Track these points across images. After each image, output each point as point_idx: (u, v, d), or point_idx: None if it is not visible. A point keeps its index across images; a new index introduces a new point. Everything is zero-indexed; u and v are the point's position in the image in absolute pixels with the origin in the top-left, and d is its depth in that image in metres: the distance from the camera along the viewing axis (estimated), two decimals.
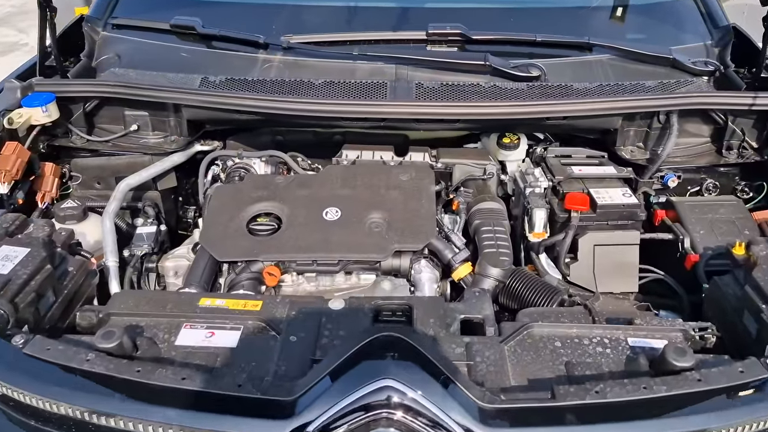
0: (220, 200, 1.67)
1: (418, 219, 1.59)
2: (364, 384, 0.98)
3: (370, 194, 1.68)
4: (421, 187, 1.70)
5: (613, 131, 1.89)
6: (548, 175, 1.78)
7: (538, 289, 1.48)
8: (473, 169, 1.85)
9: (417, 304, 1.28)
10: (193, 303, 1.28)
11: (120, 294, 1.43)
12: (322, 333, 1.20)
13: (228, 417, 0.99)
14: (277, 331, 1.20)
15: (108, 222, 1.65)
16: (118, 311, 1.27)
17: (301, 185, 1.72)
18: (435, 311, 1.26)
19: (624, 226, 1.65)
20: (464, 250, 1.58)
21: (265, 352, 1.17)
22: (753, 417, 1.02)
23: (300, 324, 1.22)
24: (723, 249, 1.50)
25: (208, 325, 1.22)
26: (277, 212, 1.63)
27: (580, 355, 1.17)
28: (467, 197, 1.76)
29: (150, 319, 1.24)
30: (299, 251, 1.52)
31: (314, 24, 2.11)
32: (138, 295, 1.44)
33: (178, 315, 1.25)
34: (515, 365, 1.14)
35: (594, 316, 1.29)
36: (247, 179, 1.77)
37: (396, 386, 0.98)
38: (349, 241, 1.53)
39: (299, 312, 1.25)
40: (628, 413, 1.01)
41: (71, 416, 1.04)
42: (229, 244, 1.54)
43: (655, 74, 1.96)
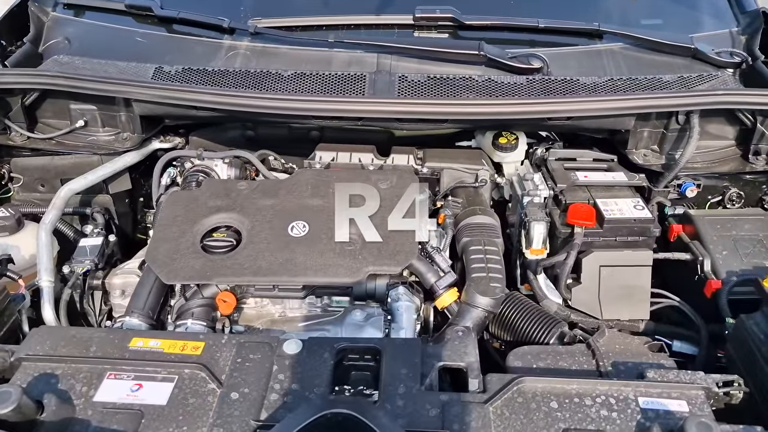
0: (172, 210, 1.56)
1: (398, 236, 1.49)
2: None
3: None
4: (402, 197, 1.58)
5: (624, 132, 1.82)
6: (549, 182, 1.69)
7: (535, 320, 1.42)
8: (464, 175, 1.79)
9: (388, 349, 1.20)
10: (123, 344, 1.19)
11: (37, 331, 1.30)
12: (272, 386, 1.11)
13: None
14: (218, 382, 1.11)
15: (44, 235, 1.54)
16: (32, 354, 1.16)
17: (266, 193, 1.62)
18: (409, 358, 1.18)
19: (635, 243, 1.57)
20: (450, 273, 1.47)
21: (199, 411, 1.07)
22: None
23: (247, 374, 1.13)
24: (750, 275, 1.43)
25: (137, 374, 1.13)
26: (236, 225, 1.53)
27: (580, 420, 1.07)
28: (455, 209, 1.65)
29: (68, 366, 1.15)
30: (258, 274, 1.42)
31: (286, 6, 2.05)
32: (59, 332, 1.33)
33: (102, 360, 1.16)
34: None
35: (598, 359, 1.21)
36: (204, 185, 1.66)
37: None
38: (317, 262, 1.43)
39: (247, 358, 1.17)
40: None
41: None
42: (178, 264, 1.43)
43: (674, 66, 1.90)
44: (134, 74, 1.79)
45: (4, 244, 1.57)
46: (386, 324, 1.42)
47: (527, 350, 1.24)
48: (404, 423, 1.00)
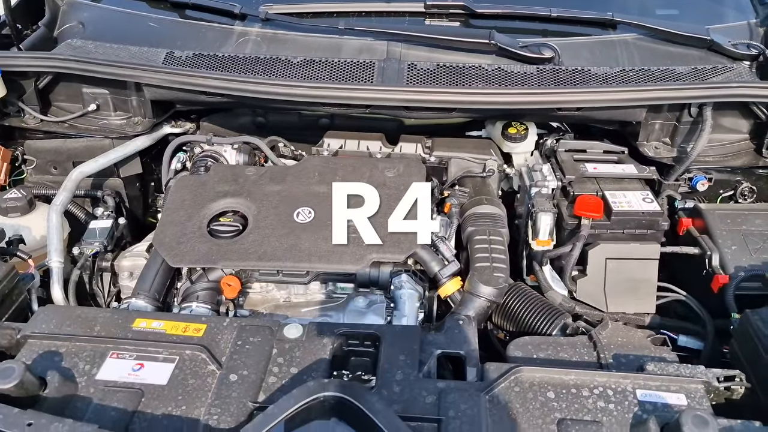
0: (180, 194, 1.57)
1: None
2: None
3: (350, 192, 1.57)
4: (409, 186, 1.58)
5: (635, 124, 1.80)
6: (558, 173, 1.68)
7: (538, 311, 1.42)
8: (472, 165, 1.78)
9: (387, 335, 1.21)
10: (126, 324, 1.21)
11: (44, 310, 1.33)
12: (271, 369, 1.12)
13: None
14: (218, 364, 1.12)
15: (54, 216, 1.56)
16: (38, 332, 1.18)
17: (273, 179, 1.62)
18: (408, 344, 1.18)
19: (642, 236, 1.55)
20: (454, 262, 1.47)
21: (198, 392, 1.08)
22: None
23: (246, 357, 1.14)
24: (758, 271, 1.44)
25: (138, 354, 1.14)
26: (243, 210, 1.54)
27: (576, 411, 1.06)
28: (462, 198, 1.65)
29: (72, 344, 1.16)
30: (263, 259, 1.42)
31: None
32: (65, 311, 1.35)
33: (105, 339, 1.18)
34: (496, 422, 1.05)
35: (599, 351, 1.21)
36: (213, 170, 1.67)
37: None
38: (321, 249, 1.44)
39: (247, 341, 1.17)
40: None
41: None
42: (185, 248, 1.45)
43: (688, 58, 1.87)
44: (145, 59, 1.79)
45: (15, 224, 1.59)
46: (388, 311, 1.42)
47: (528, 340, 1.24)
48: (400, 409, 1.00)
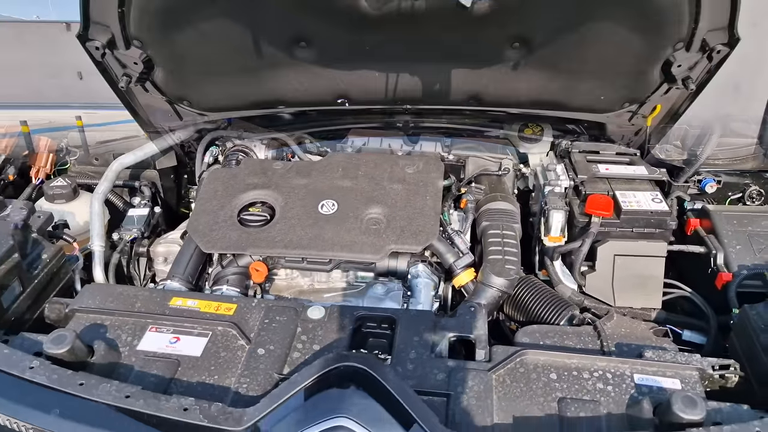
0: (212, 185, 1.63)
1: (420, 217, 1.53)
2: (317, 421, 0.92)
3: (372, 187, 1.63)
4: (427, 182, 1.63)
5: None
6: (571, 173, 1.70)
7: (547, 302, 1.44)
8: (488, 163, 1.80)
9: (402, 319, 1.24)
10: (164, 302, 1.26)
11: (89, 287, 1.39)
12: (295, 345, 1.16)
13: None
14: (247, 339, 1.17)
15: (96, 204, 1.63)
16: (84, 307, 1.24)
17: (300, 173, 1.67)
18: (421, 328, 1.21)
19: (651, 235, 1.56)
20: (468, 254, 1.51)
21: (229, 363, 1.13)
22: None
23: (273, 333, 1.19)
24: (761, 269, 1.45)
25: (175, 328, 1.20)
26: (271, 201, 1.59)
27: (577, 391, 1.10)
28: (478, 194, 1.68)
29: (116, 318, 1.22)
30: (289, 247, 1.47)
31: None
32: (108, 289, 1.41)
33: (145, 315, 1.22)
34: (501, 399, 1.08)
35: (603, 340, 1.24)
36: (243, 163, 1.72)
37: (350, 427, 0.92)
38: (343, 239, 1.49)
39: (274, 320, 1.21)
40: None
41: (9, 428, 1.00)
42: (217, 235, 1.51)
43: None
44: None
45: (60, 210, 1.66)
46: (405, 299, 1.45)
47: (536, 329, 1.27)
48: (412, 384, 1.04)
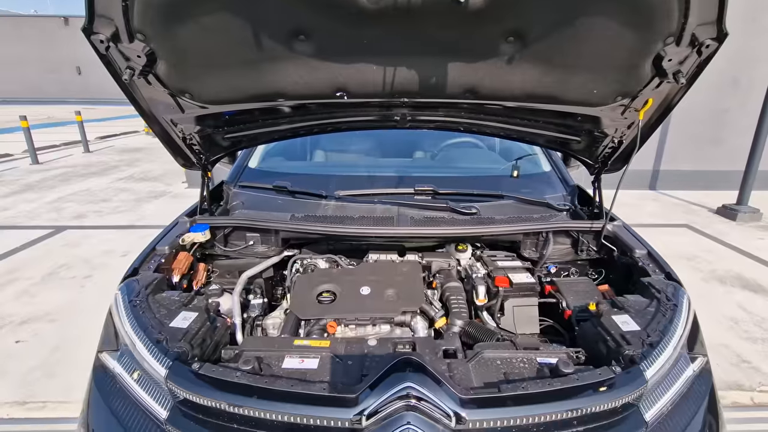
0: (301, 283, 1.65)
1: (413, 293, 1.56)
2: (395, 386, 0.99)
3: (386, 279, 1.62)
4: (415, 276, 1.66)
5: (518, 242, 1.88)
6: (484, 267, 1.77)
7: (484, 332, 1.45)
8: (443, 264, 1.82)
9: (418, 341, 1.28)
10: (290, 343, 1.27)
11: (247, 339, 1.45)
12: (366, 358, 1.19)
13: (319, 407, 0.99)
14: (340, 359, 1.19)
15: (236, 298, 1.66)
16: (247, 349, 1.26)
17: (347, 274, 1.68)
18: (428, 345, 1.26)
19: (528, 294, 1.63)
20: (440, 310, 1.56)
21: (334, 370, 1.16)
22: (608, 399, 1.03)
23: (353, 353, 1.21)
24: (584, 306, 1.48)
25: (300, 355, 1.22)
26: (333, 290, 1.59)
27: (512, 368, 1.18)
28: (440, 280, 1.72)
29: (266, 353, 1.23)
30: (347, 312, 1.49)
31: (353, 185, 2.03)
32: (257, 339, 1.47)
33: (281, 350, 1.24)
34: (476, 374, 1.15)
35: (517, 346, 1.29)
36: (316, 271, 1.74)
37: (413, 386, 0.99)
38: (375, 306, 1.50)
39: (351, 347, 1.24)
40: (539, 398, 1.01)
41: (226, 410, 1.03)
42: (307, 309, 1.52)
43: (538, 211, 1.95)
44: (279, 218, 1.82)
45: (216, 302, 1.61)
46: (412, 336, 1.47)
47: (483, 344, 1.34)
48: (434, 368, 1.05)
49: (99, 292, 3.59)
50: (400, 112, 1.60)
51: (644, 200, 6.43)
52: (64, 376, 2.58)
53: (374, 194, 1.93)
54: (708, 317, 3.32)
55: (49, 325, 3.13)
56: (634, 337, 1.19)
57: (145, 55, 1.20)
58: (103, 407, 1.15)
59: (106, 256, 4.31)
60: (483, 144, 2.60)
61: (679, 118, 6.36)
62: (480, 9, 1.06)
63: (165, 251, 1.60)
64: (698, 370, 1.23)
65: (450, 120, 1.67)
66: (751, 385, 2.58)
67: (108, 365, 1.23)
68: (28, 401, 2.40)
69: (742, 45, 6.03)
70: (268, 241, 1.87)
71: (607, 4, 1.08)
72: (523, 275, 1.67)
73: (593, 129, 1.61)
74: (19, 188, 6.91)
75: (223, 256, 1.89)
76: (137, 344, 1.17)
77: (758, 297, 3.64)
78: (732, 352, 2.90)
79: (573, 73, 1.32)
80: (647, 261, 1.57)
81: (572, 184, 2.16)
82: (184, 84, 1.36)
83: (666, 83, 1.28)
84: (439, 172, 2.26)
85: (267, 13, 1.12)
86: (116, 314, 1.31)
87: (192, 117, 1.53)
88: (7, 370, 2.65)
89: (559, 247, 1.89)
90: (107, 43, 1.14)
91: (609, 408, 1.02)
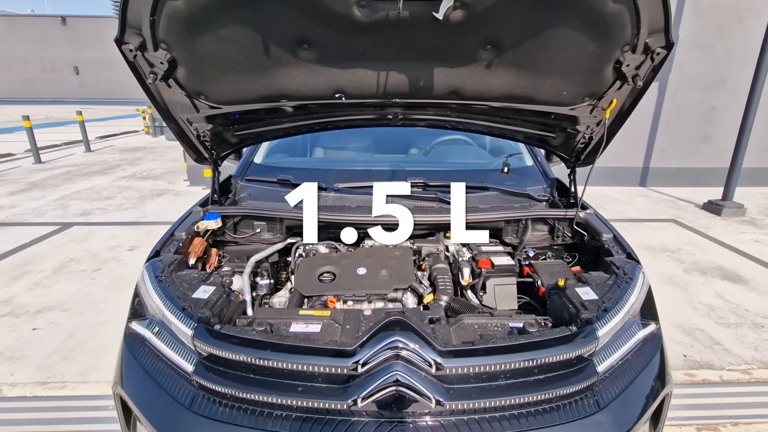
0: (304, 265, 1.77)
1: (405, 273, 1.67)
2: (385, 340, 1.15)
3: (381, 262, 1.74)
4: (406, 258, 1.78)
5: (501, 229, 1.99)
6: (470, 252, 1.88)
7: (467, 307, 1.56)
8: (432, 249, 1.94)
9: (407, 311, 1.43)
10: (296, 313, 1.41)
11: (258, 310, 1.57)
12: (362, 323, 1.32)
13: (323, 357, 1.14)
14: (340, 324, 1.32)
15: (246, 278, 1.77)
16: (259, 317, 1.40)
17: (345, 257, 1.79)
18: (416, 314, 1.39)
19: (508, 275, 1.73)
20: (429, 288, 1.68)
21: (335, 332, 1.30)
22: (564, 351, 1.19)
23: (351, 320, 1.34)
24: (555, 283, 1.60)
25: (305, 322, 1.35)
26: (333, 271, 1.70)
27: (487, 330, 1.33)
28: (429, 262, 1.84)
29: (275, 320, 1.36)
30: (345, 290, 1.60)
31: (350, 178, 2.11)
32: (267, 310, 1.56)
33: (290, 318, 1.37)
34: (456, 334, 1.30)
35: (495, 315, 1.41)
36: (317, 255, 1.86)
37: (401, 340, 1.15)
38: (371, 284, 1.61)
39: (349, 315, 1.37)
40: (505, 350, 1.16)
41: (246, 362, 1.17)
42: (309, 287, 1.63)
43: (519, 201, 2.06)
44: (284, 208, 1.92)
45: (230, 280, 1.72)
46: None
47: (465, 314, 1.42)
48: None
49: (109, 284, 3.77)
50: (392, 111, 1.72)
51: (634, 196, 6.62)
52: (80, 359, 2.77)
53: (370, 186, 2.00)
54: (686, 305, 3.52)
55: (63, 314, 3.31)
56: (591, 304, 1.34)
57: (167, 61, 1.33)
58: (135, 366, 1.30)
59: (113, 250, 4.49)
60: (472, 141, 2.71)
61: (668, 117, 6.55)
62: (460, 22, 1.19)
63: (182, 236, 1.73)
64: (649, 334, 1.38)
65: (438, 118, 1.79)
66: (722, 365, 2.78)
67: (138, 332, 1.38)
68: (49, 382, 2.58)
69: (729, 46, 6.23)
70: (274, 229, 1.98)
71: (570, 18, 1.21)
72: (504, 258, 1.78)
73: (566, 126, 1.75)
74: (24, 186, 7.06)
75: (233, 242, 1.99)
76: (165, 312, 1.32)
77: (736, 286, 3.84)
78: (707, 335, 3.10)
79: (545, 77, 1.44)
80: (612, 244, 1.71)
81: (552, 177, 2.27)
82: (200, 87, 1.49)
83: (626, 85, 1.42)
84: (430, 166, 2.36)
85: (275, 25, 1.25)
86: (144, 288, 1.45)
87: (205, 116, 1.67)
88: (27, 354, 2.83)
89: (537, 233, 1.99)
90: (135, 51, 1.28)
91: (565, 359, 1.17)
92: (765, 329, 3.14)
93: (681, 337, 3.04)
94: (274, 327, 1.30)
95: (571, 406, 1.13)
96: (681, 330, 3.11)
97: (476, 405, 1.09)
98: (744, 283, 3.88)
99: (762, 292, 3.70)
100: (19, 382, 2.55)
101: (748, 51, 6.08)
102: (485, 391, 1.11)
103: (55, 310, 3.35)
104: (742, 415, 2.31)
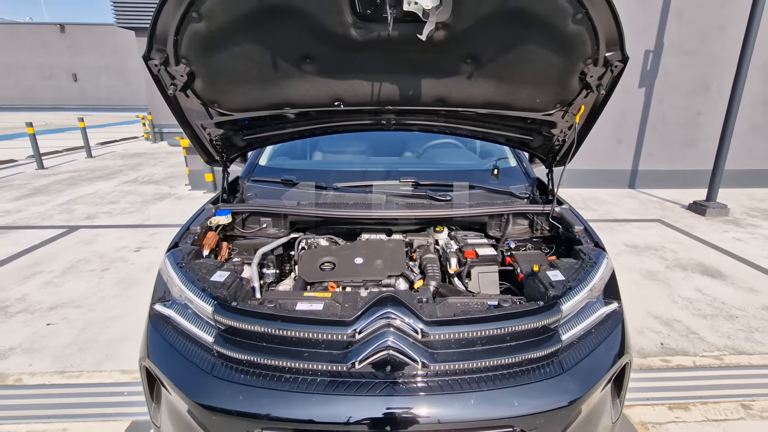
0: (306, 256, 1.89)
1: (397, 262, 1.80)
2: (379, 313, 1.30)
3: (376, 252, 1.86)
4: (398, 249, 1.91)
5: (485, 223, 2.13)
6: (457, 244, 2.00)
7: (453, 292, 1.68)
8: (422, 241, 2.07)
9: (399, 292, 1.51)
10: (300, 295, 1.56)
11: (266, 293, 1.68)
12: (359, 302, 1.43)
13: (326, 326, 1.29)
14: (339, 303, 1.44)
15: (254, 267, 1.90)
16: (268, 298, 1.54)
17: (343, 249, 1.92)
18: (406, 295, 1.48)
19: (492, 264, 1.85)
20: (419, 275, 1.82)
21: (335, 309, 1.41)
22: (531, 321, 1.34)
23: (349, 300, 1.45)
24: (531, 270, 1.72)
25: (309, 302, 1.47)
26: (333, 260, 1.82)
27: (468, 307, 1.47)
28: (420, 253, 1.96)
29: (283, 300, 1.50)
30: (344, 277, 1.73)
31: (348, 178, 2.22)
32: (274, 293, 1.68)
33: (295, 299, 1.50)
34: (441, 311, 1.43)
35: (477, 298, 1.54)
36: (318, 247, 1.99)
37: (392, 311, 1.30)
38: (367, 272, 1.74)
39: (348, 296, 1.49)
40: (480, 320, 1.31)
41: (258, 331, 1.31)
42: (312, 275, 1.76)
43: (503, 199, 2.18)
44: (288, 206, 2.03)
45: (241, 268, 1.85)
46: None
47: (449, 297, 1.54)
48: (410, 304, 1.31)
49: (117, 282, 3.93)
50: (386, 117, 1.87)
51: (623, 198, 6.84)
52: (95, 351, 2.95)
53: (366, 185, 2.13)
54: (666, 298, 3.72)
55: (75, 310, 3.48)
56: (558, 283, 1.50)
57: (186, 74, 1.49)
58: (161, 340, 1.44)
59: (120, 251, 4.66)
60: (461, 144, 2.83)
61: (655, 121, 6.78)
62: (442, 40, 1.37)
63: (197, 230, 1.86)
64: (610, 311, 1.52)
65: (428, 123, 1.94)
66: (696, 351, 2.98)
67: (162, 312, 1.52)
68: (66, 371, 2.76)
69: (712, 53, 6.47)
70: (278, 224, 2.11)
71: (537, 36, 1.38)
72: (488, 249, 1.91)
73: (542, 130, 1.90)
74: (29, 192, 7.20)
75: (242, 237, 2.11)
76: (187, 292, 1.46)
77: (714, 281, 4.05)
78: (684, 326, 3.31)
79: (519, 86, 1.60)
80: (583, 234, 1.87)
81: (533, 177, 2.40)
82: (214, 96, 1.64)
83: (591, 94, 1.58)
84: (421, 167, 2.49)
85: (283, 43, 1.41)
86: (166, 274, 1.60)
87: (217, 122, 1.81)
88: (44, 346, 3.01)
89: (518, 227, 2.13)
90: (159, 66, 1.44)
91: (533, 328, 1.33)
92: (738, 320, 3.34)
93: (659, 327, 3.23)
94: (282, 305, 1.45)
95: (538, 369, 1.27)
96: (660, 321, 3.31)
97: (456, 367, 1.23)
98: (722, 278, 4.09)
99: (738, 287, 3.90)
100: (37, 371, 2.71)
101: (729, 56, 6.30)
102: (464, 355, 1.26)
103: (67, 307, 3.51)
104: (711, 395, 2.50)
